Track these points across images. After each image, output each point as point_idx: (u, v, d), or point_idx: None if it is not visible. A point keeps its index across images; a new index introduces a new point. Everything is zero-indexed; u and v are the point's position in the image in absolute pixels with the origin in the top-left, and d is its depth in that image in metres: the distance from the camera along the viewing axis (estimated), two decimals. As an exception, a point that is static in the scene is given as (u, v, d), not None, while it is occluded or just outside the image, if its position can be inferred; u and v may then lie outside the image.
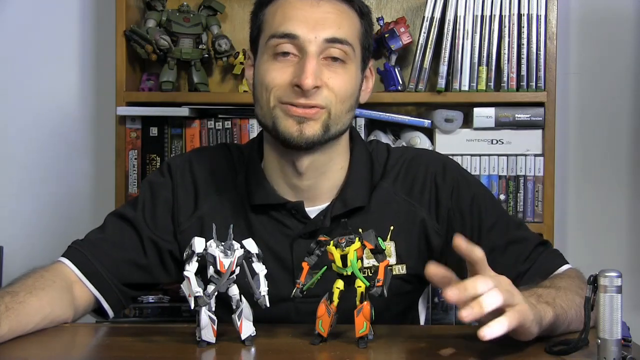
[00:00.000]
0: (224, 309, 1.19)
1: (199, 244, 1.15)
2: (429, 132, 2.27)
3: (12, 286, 1.30)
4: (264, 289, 1.16)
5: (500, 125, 2.22)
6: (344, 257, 1.14)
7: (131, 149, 2.26)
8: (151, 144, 2.28)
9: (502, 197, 2.22)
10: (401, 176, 1.46)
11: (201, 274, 1.16)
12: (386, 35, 2.25)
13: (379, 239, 1.15)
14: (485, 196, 1.46)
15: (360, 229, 1.16)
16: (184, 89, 2.40)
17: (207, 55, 2.35)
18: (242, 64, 2.32)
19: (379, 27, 2.29)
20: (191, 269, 1.14)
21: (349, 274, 1.14)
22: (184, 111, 2.24)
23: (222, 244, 1.14)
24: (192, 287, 1.13)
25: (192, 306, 1.13)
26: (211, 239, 1.15)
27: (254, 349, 1.16)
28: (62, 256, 1.43)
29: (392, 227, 1.41)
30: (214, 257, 1.13)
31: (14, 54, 2.53)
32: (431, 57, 2.22)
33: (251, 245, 1.18)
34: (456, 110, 2.24)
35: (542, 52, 2.19)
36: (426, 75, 2.23)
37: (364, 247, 1.15)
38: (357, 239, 1.14)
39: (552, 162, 2.21)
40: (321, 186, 1.43)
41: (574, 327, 1.18)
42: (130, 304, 1.51)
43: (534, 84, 2.20)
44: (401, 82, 2.26)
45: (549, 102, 2.19)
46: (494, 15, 2.20)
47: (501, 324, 1.02)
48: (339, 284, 1.16)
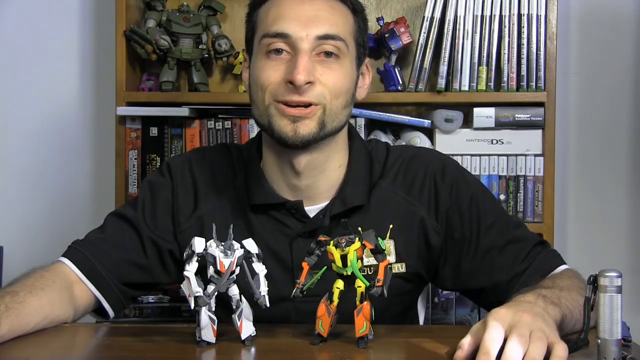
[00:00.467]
0: (224, 309, 1.19)
1: (199, 244, 1.15)
2: (429, 132, 2.27)
3: (12, 286, 1.30)
4: (264, 289, 1.16)
5: (500, 125, 2.22)
6: (344, 257, 1.14)
7: (131, 149, 2.26)
8: (151, 144, 2.28)
9: (502, 197, 2.22)
10: (400, 175, 1.46)
11: (201, 274, 1.16)
12: (386, 35, 2.25)
13: (379, 238, 1.15)
14: (484, 195, 1.46)
15: (359, 228, 1.16)
16: (184, 89, 2.40)
17: (207, 55, 2.35)
18: (242, 64, 2.32)
19: (379, 27, 2.30)
20: (191, 269, 1.14)
21: (349, 274, 1.14)
22: (184, 111, 2.24)
23: (222, 244, 1.14)
24: (192, 287, 1.13)
25: (192, 306, 1.13)
26: (211, 239, 1.15)
27: (254, 349, 1.16)
28: (62, 256, 1.43)
29: (392, 226, 1.41)
30: (214, 257, 1.13)
31: (14, 54, 2.53)
32: (431, 57, 2.22)
33: (251, 245, 1.18)
34: (456, 110, 2.24)
35: (542, 52, 2.19)
36: (426, 75, 2.23)
37: (364, 247, 1.15)
38: (357, 239, 1.14)
39: (552, 162, 2.21)
40: (320, 185, 1.43)
41: (579, 327, 1.18)
42: (130, 304, 1.51)
43: (534, 84, 2.20)
44: (401, 82, 2.26)
45: (549, 102, 2.19)
46: (494, 15, 2.20)
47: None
48: (339, 284, 1.16)
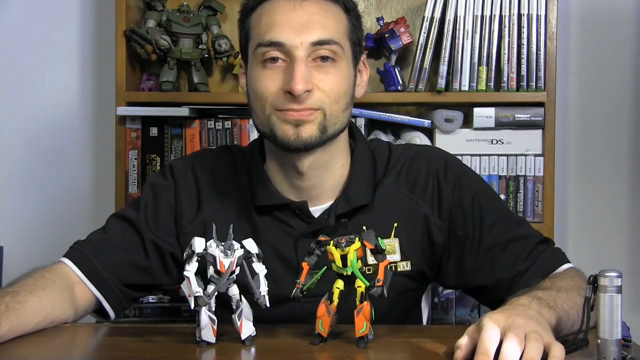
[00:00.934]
0: (224, 309, 1.19)
1: (199, 244, 1.15)
2: (429, 132, 2.27)
3: (12, 286, 1.30)
4: (264, 289, 1.16)
5: (500, 125, 2.22)
6: (344, 257, 1.14)
7: (131, 149, 2.26)
8: (151, 144, 2.28)
9: (502, 197, 2.22)
10: (403, 173, 1.46)
11: (201, 274, 1.16)
12: (386, 35, 2.25)
13: (379, 238, 1.15)
14: (486, 193, 1.47)
15: (364, 227, 1.15)
16: (184, 89, 2.40)
17: (207, 55, 2.35)
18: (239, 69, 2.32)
19: (379, 27, 2.30)
20: (191, 269, 1.14)
21: (349, 274, 1.14)
22: (184, 111, 2.24)
23: (222, 244, 1.14)
24: (192, 287, 1.13)
25: (192, 306, 1.13)
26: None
27: (254, 349, 1.16)
28: (63, 256, 1.43)
29: (396, 224, 1.41)
30: (214, 257, 1.13)
31: (14, 54, 2.53)
32: (431, 57, 2.22)
33: (251, 245, 1.18)
34: (456, 110, 2.24)
35: (542, 52, 2.19)
36: (426, 75, 2.23)
37: (364, 247, 1.15)
38: (357, 239, 1.14)
39: (552, 162, 2.21)
40: (323, 185, 1.43)
41: (577, 328, 1.18)
42: (131, 304, 1.52)
43: (534, 84, 2.20)
44: (401, 82, 2.26)
45: (549, 102, 2.19)
46: (494, 15, 2.20)
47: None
48: (339, 284, 1.16)
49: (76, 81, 2.53)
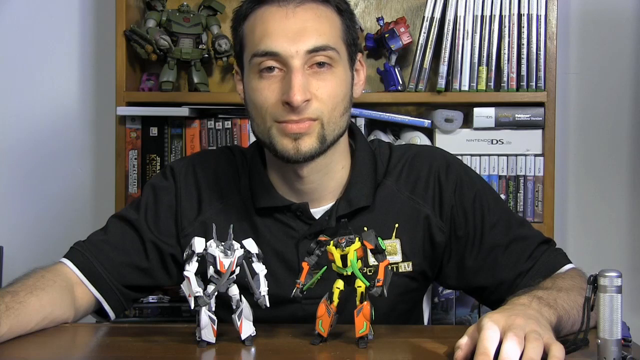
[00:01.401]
0: (224, 309, 1.19)
1: (199, 244, 1.15)
2: (429, 132, 2.27)
3: (12, 286, 1.30)
4: (264, 289, 1.16)
5: (500, 125, 2.22)
6: (344, 257, 1.14)
7: (131, 149, 2.26)
8: (151, 144, 2.28)
9: (502, 197, 2.22)
10: (404, 174, 1.46)
11: (202, 274, 1.16)
12: (386, 35, 2.25)
13: (379, 238, 1.15)
14: (488, 194, 1.46)
15: (365, 228, 1.15)
16: (184, 89, 2.40)
17: (207, 55, 2.35)
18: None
19: (379, 27, 2.29)
20: (191, 269, 1.14)
21: (349, 274, 1.14)
22: (184, 111, 2.24)
23: (222, 244, 1.14)
24: (192, 287, 1.13)
25: (192, 306, 1.13)
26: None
27: (254, 349, 1.16)
28: (63, 257, 1.43)
29: (397, 225, 1.41)
30: (214, 257, 1.13)
31: (14, 54, 2.53)
32: (431, 57, 2.22)
33: (251, 245, 1.18)
34: (456, 110, 2.24)
35: (542, 52, 2.19)
36: (426, 75, 2.23)
37: (364, 247, 1.15)
38: (357, 239, 1.14)
39: (552, 162, 2.21)
40: (324, 187, 1.43)
41: (578, 328, 1.18)
42: (131, 305, 1.51)
43: (534, 84, 2.20)
44: (401, 82, 2.26)
45: (549, 102, 2.19)
46: (494, 15, 2.20)
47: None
48: (339, 284, 1.16)
49: (76, 81, 2.53)
